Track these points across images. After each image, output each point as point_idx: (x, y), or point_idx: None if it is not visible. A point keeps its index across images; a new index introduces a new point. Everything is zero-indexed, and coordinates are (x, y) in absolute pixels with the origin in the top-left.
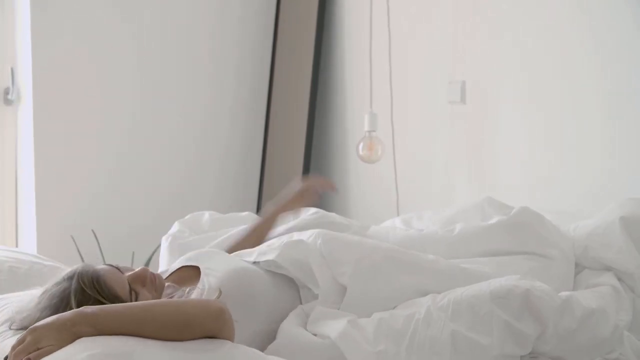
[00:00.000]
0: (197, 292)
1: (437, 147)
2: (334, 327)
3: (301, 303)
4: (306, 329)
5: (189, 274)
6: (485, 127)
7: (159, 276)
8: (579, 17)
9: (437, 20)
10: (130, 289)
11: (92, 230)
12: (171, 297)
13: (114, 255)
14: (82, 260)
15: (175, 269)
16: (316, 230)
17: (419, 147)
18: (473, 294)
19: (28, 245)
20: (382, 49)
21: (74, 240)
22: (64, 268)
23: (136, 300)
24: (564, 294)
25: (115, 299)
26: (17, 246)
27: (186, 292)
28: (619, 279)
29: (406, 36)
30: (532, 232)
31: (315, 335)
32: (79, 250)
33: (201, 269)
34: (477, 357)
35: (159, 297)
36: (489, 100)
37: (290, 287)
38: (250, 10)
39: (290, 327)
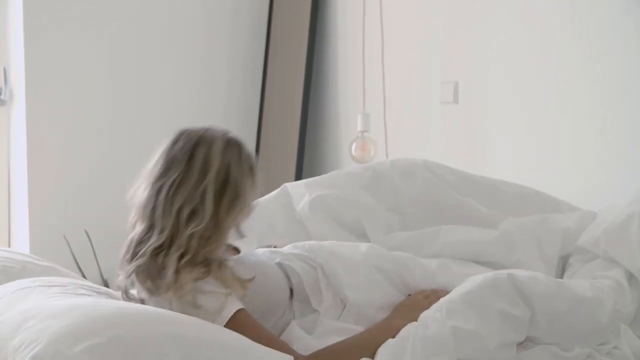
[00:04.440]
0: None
1: (431, 148)
2: None
3: (292, 314)
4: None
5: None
6: (478, 128)
7: None
8: (571, 17)
9: (430, 21)
10: None
11: (85, 231)
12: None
13: (107, 256)
14: (75, 261)
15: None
16: (307, 243)
17: (412, 147)
18: (463, 291)
19: (21, 245)
20: (375, 49)
21: (66, 241)
22: (58, 269)
23: None
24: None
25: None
26: (9, 246)
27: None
28: (630, 277)
29: (399, 36)
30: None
31: None
32: (71, 251)
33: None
34: (480, 348)
35: None
36: (482, 101)
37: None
38: (242, 10)
39: (304, 339)
